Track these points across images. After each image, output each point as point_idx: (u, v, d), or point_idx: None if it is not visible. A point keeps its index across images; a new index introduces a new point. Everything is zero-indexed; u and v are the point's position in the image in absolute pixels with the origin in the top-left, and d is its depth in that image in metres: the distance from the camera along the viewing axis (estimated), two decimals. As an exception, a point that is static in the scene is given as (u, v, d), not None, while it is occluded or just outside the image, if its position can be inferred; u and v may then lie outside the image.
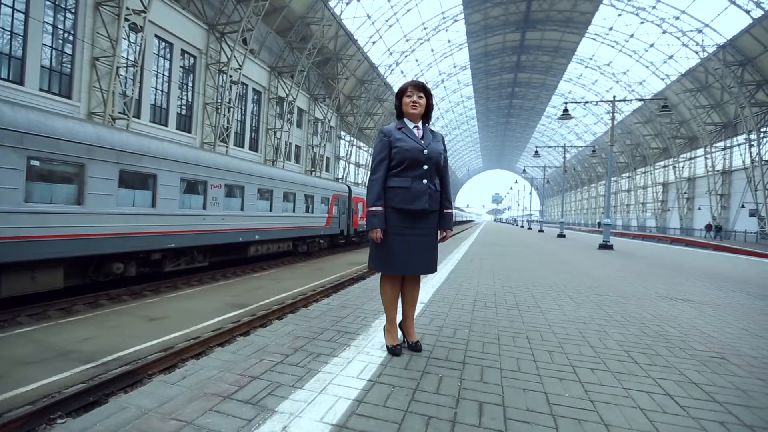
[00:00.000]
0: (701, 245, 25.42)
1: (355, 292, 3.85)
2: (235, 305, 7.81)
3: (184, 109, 19.53)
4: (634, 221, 52.48)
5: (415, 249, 2.12)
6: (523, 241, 15.39)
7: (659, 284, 5.27)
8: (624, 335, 2.74)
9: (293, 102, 27.38)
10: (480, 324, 2.86)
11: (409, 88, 2.19)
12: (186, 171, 9.33)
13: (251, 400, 1.58)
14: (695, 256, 11.23)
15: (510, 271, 6.00)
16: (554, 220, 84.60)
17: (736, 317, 3.48)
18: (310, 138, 32.27)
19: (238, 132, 24.07)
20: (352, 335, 2.49)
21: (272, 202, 13.08)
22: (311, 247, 16.22)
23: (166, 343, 5.67)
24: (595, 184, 67.10)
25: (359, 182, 43.06)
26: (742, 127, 31.05)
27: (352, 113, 38.09)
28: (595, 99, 46.76)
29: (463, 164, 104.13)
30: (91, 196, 7.13)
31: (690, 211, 40.17)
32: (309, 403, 1.57)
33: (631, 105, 41.51)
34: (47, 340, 5.65)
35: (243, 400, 1.57)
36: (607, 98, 44.66)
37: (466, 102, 58.36)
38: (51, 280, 6.80)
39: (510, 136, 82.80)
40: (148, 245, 8.39)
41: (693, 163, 40.06)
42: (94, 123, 8.28)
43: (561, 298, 3.99)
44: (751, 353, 2.47)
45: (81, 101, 14.00)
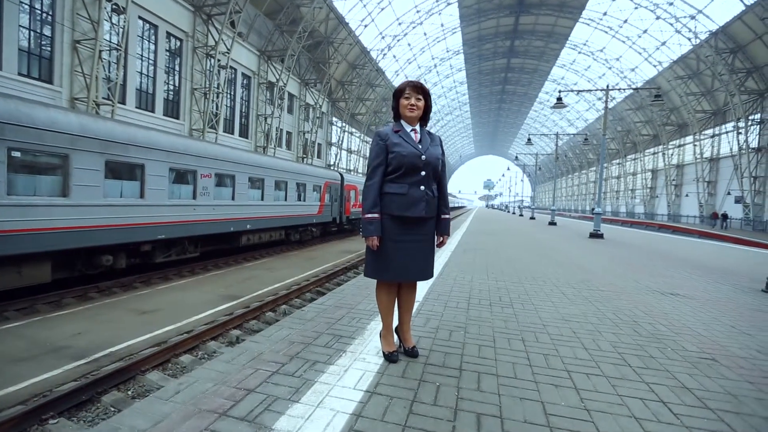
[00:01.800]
0: (687, 231, 25.93)
1: (350, 289, 3.83)
2: (227, 296, 7.77)
3: (171, 94, 19.01)
4: (623, 207, 53.25)
5: (411, 256, 2.09)
6: (515, 229, 15.51)
7: (649, 277, 5.35)
8: (617, 335, 2.77)
9: (284, 87, 26.83)
10: (475, 325, 2.87)
11: (407, 89, 2.12)
12: (175, 160, 9.13)
13: (247, 416, 1.55)
14: (682, 244, 11.44)
15: (503, 264, 6.03)
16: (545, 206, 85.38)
17: (725, 313, 3.55)
18: (301, 124, 31.78)
19: (228, 118, 23.58)
20: (347, 339, 2.47)
21: (264, 190, 12.92)
22: (304, 235, 16.15)
23: (159, 337, 5.63)
24: (586, 171, 67.62)
25: (351, 169, 42.77)
26: (730, 114, 31.37)
27: (343, 99, 37.53)
28: (588, 85, 46.78)
29: (455, 150, 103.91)
30: (77, 187, 6.95)
31: (678, 197, 40.83)
32: (306, 419, 1.55)
33: (623, 92, 41.53)
34: (37, 336, 5.56)
35: (239, 417, 1.55)
36: (600, 84, 44.66)
37: (459, 87, 57.86)
38: (38, 274, 6.67)
39: (502, 122, 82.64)
40: (138, 237, 8.25)
41: (682, 150, 40.52)
42: (78, 112, 8.01)
43: (554, 293, 4.03)
44: (740, 353, 2.52)
45: (63, 86, 13.52)
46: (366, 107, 41.83)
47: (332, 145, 38.68)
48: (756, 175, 29.35)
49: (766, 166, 29.14)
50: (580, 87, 48.47)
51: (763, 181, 29.19)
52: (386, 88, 40.25)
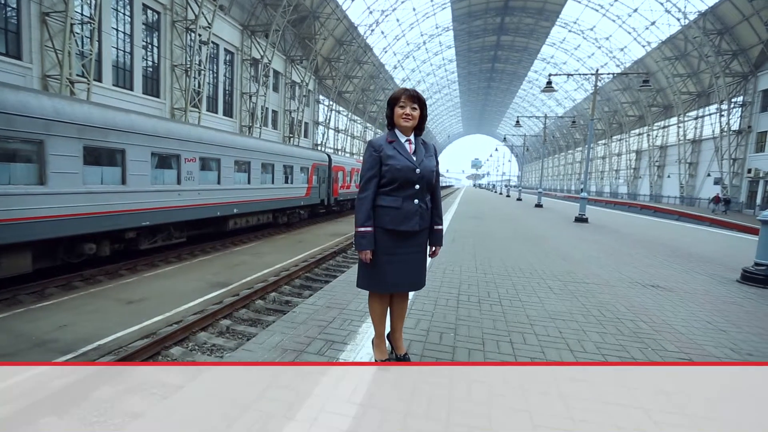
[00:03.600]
0: (668, 212, 26.67)
1: (340, 287, 3.85)
2: (216, 284, 7.72)
3: (150, 71, 18.20)
4: (607, 188, 54.25)
5: (404, 268, 2.10)
6: (502, 213, 15.69)
7: (631, 267, 5.52)
8: (600, 335, 2.87)
9: (268, 64, 25.94)
10: (465, 326, 2.93)
11: (402, 98, 2.07)
12: (157, 145, 8.85)
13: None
14: (663, 228, 11.78)
15: (490, 254, 6.13)
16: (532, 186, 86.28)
17: (702, 307, 3.70)
18: (287, 102, 30.98)
19: (211, 96, 22.80)
20: (340, 345, 2.50)
21: (250, 174, 12.70)
22: (292, 218, 16.05)
23: (147, 328, 5.59)
24: (573, 150, 68.25)
25: (339, 148, 42.21)
26: (714, 96, 31.79)
27: (330, 76, 36.57)
28: (577, 64, 46.60)
29: (444, 129, 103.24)
30: (54, 175, 6.70)
31: (660, 178, 41.75)
32: (302, 438, 1.58)
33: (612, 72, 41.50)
34: (21, 329, 5.47)
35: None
36: (589, 64, 44.52)
37: (448, 65, 56.92)
38: (19, 264, 6.50)
39: (491, 100, 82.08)
40: (121, 224, 8.06)
41: (666, 132, 41.14)
42: (51, 95, 7.62)
43: (540, 288, 4.13)
44: (715, 352, 2.65)
45: (33, 62, 12.80)
46: (354, 85, 40.92)
47: (319, 124, 37.95)
48: (735, 157, 30.11)
49: (746, 148, 29.87)
50: (570, 66, 48.25)
51: (741, 163, 29.98)
52: (374, 66, 39.34)
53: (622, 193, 48.75)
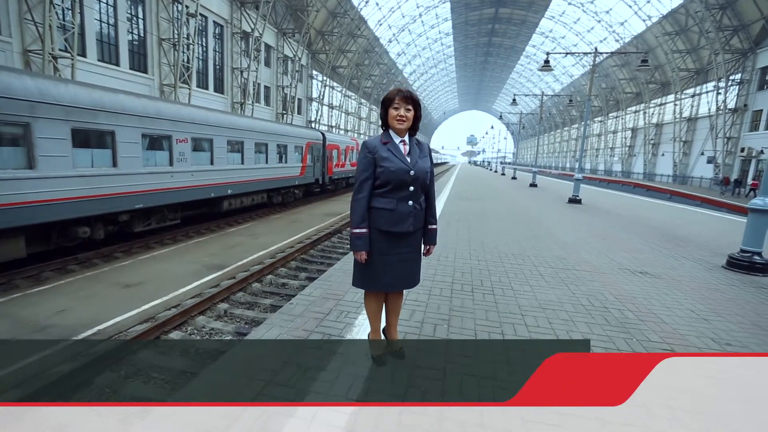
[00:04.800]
0: (659, 191, 26.93)
1: (336, 276, 3.91)
2: (212, 266, 7.77)
3: (136, 45, 17.55)
4: (601, 165, 54.37)
5: (398, 268, 2.15)
6: (497, 193, 15.74)
7: (622, 252, 5.64)
8: (588, 325, 2.98)
9: (259, 37, 25.09)
10: (458, 317, 3.01)
11: (396, 99, 2.05)
12: (147, 126, 8.67)
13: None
14: (654, 210, 11.93)
15: (484, 237, 6.22)
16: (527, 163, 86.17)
17: (687, 295, 3.83)
18: (279, 78, 30.19)
19: (201, 71, 22.13)
20: (337, 338, 2.58)
21: (243, 154, 12.55)
22: (286, 197, 16.00)
23: (146, 313, 5.66)
24: (569, 128, 67.83)
25: (333, 125, 41.57)
26: (713, 74, 31.48)
27: (324, 50, 35.54)
28: (576, 39, 45.62)
29: (439, 105, 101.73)
30: (43, 158, 6.58)
31: (654, 156, 41.85)
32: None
33: (609, 47, 40.79)
34: (19, 314, 5.52)
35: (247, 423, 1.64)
36: (588, 38, 43.61)
37: (445, 39, 55.47)
38: (12, 249, 6.48)
39: (488, 76, 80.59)
40: (113, 207, 8.01)
41: (663, 110, 40.91)
42: (34, 75, 7.36)
43: (532, 275, 4.23)
44: (697, 342, 2.77)
45: (12, 36, 12.27)
46: (348, 59, 39.86)
47: (313, 100, 37.18)
48: (729, 136, 30.17)
49: (740, 127, 29.90)
50: (569, 41, 47.26)
51: (735, 142, 30.08)
52: (368, 40, 38.21)
53: (617, 171, 48.93)
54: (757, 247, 4.72)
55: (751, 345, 2.76)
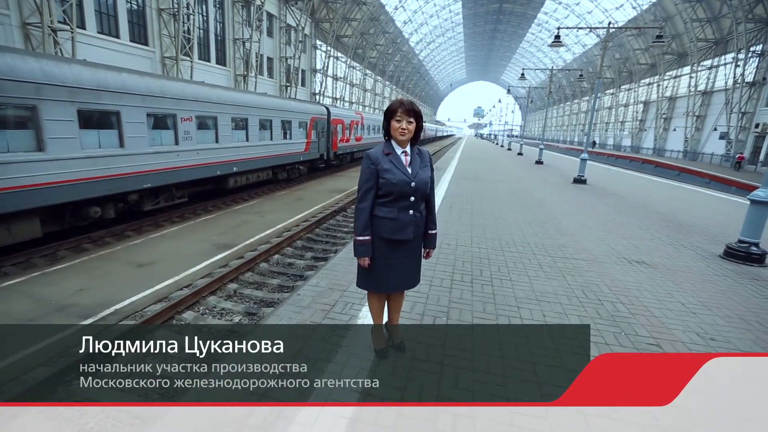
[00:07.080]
0: (668, 167, 26.59)
1: (341, 265, 4.07)
2: (221, 246, 7.99)
3: (136, 16, 17.13)
4: (611, 140, 53.33)
5: (400, 271, 2.29)
6: (501, 172, 15.68)
7: (621, 239, 5.74)
8: (580, 318, 3.13)
9: (261, 6, 24.31)
10: (456, 309, 3.18)
11: (399, 112, 2.12)
12: (152, 105, 8.67)
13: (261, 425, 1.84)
14: (660, 190, 11.89)
15: (486, 221, 6.33)
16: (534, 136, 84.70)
17: (679, 286, 3.96)
18: (283, 49, 29.45)
19: (202, 43, 21.65)
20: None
21: (248, 131, 12.54)
22: (291, 174, 16.06)
23: (159, 293, 5.91)
24: (579, 100, 66.07)
25: (338, 97, 40.85)
26: (732, 45, 30.23)
27: (327, 19, 34.38)
28: (591, 6, 43.62)
29: (446, 75, 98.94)
30: (51, 140, 6.68)
31: (665, 131, 40.94)
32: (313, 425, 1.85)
33: (625, 15, 39.04)
34: (40, 293, 5.79)
35: (253, 425, 1.83)
36: (604, 4, 41.69)
37: (453, 5, 53.26)
38: (28, 230, 6.71)
39: (497, 45, 77.78)
40: (123, 187, 8.17)
41: (677, 82, 39.62)
42: (36, 56, 7.31)
43: (531, 265, 4.36)
44: (683, 337, 2.92)
45: (10, 9, 12.04)
46: (352, 28, 38.60)
47: (317, 71, 36.37)
48: (745, 111, 29.35)
49: (757, 102, 29.01)
50: (583, 7, 45.21)
51: (750, 117, 29.29)
52: (374, 7, 36.83)
53: (626, 146, 48.04)
54: (755, 238, 4.80)
55: (734, 339, 2.91)
